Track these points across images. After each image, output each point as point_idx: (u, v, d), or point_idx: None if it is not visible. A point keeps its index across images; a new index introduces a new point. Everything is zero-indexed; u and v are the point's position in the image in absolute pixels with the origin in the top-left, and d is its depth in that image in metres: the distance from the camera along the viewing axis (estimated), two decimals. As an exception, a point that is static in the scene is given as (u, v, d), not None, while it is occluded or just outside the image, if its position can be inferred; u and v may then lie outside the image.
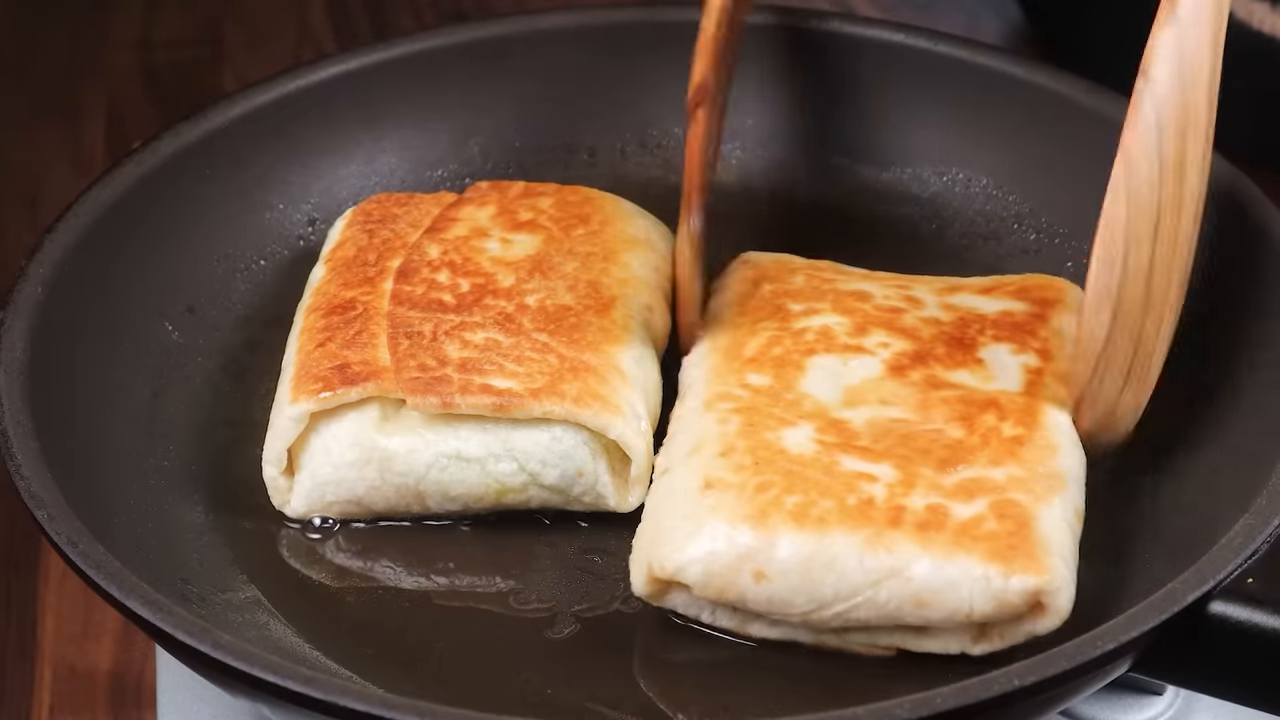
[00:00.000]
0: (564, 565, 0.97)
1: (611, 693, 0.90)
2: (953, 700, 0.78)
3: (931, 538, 0.88)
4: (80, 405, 0.99)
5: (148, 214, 1.09)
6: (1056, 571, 0.87)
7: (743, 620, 0.91)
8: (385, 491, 0.97)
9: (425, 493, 0.97)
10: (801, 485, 0.91)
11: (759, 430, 0.94)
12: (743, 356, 1.00)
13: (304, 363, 0.98)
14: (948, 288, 1.05)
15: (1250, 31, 1.32)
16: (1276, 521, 0.87)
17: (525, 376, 0.97)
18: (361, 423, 0.97)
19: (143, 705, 1.02)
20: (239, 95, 1.17)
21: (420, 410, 0.96)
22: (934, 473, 0.91)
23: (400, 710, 0.78)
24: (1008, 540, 0.88)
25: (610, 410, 0.96)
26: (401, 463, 0.96)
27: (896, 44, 1.22)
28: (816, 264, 1.08)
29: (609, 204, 1.10)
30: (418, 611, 0.95)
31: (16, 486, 0.90)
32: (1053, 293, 1.04)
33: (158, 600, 0.84)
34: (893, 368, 0.98)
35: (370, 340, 0.98)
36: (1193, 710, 0.96)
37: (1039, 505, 0.90)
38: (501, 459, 0.97)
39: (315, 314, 1.02)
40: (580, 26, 1.24)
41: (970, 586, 0.87)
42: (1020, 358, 0.99)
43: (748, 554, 0.89)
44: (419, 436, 0.97)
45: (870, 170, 1.23)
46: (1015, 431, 0.94)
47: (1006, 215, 1.19)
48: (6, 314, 0.99)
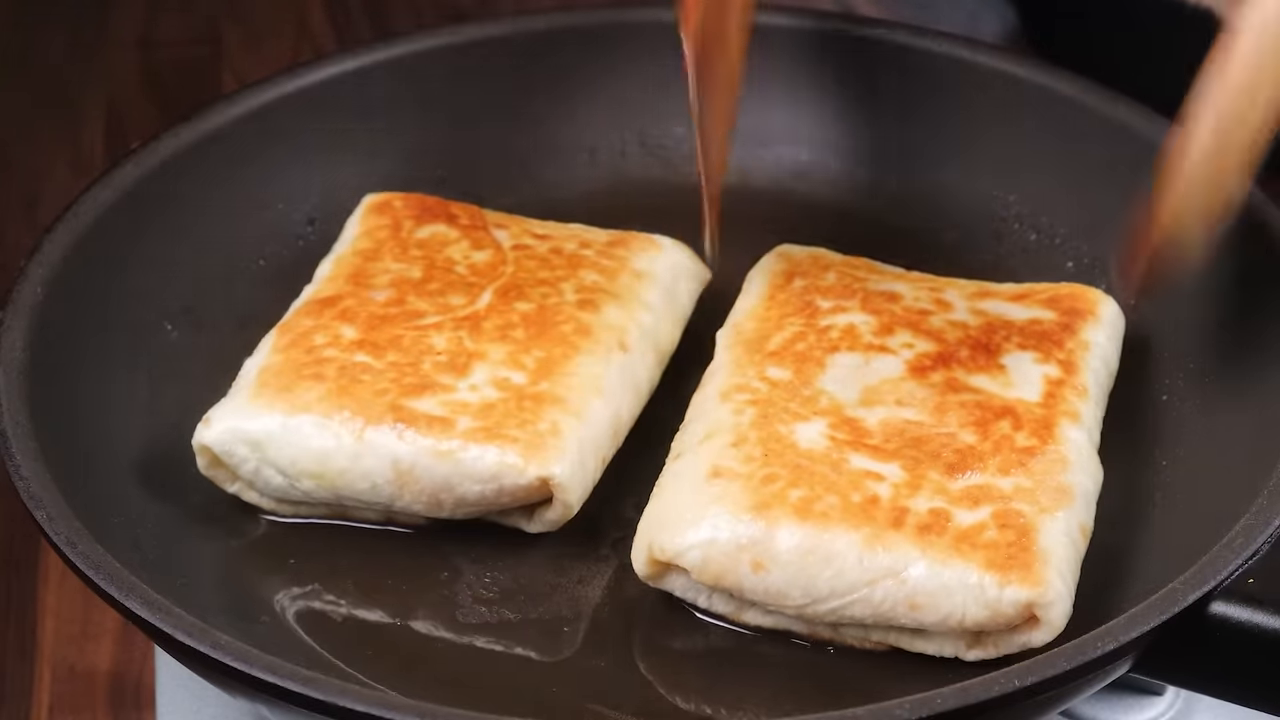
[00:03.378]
0: (559, 555, 0.97)
1: (612, 686, 0.90)
2: (953, 700, 0.78)
3: (931, 541, 0.88)
4: (80, 405, 0.99)
5: (147, 214, 1.09)
6: (1052, 585, 0.87)
7: (738, 607, 0.92)
8: (324, 497, 0.98)
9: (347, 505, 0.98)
10: (808, 480, 0.91)
11: (772, 423, 0.95)
12: (766, 350, 1.00)
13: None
14: (980, 292, 1.05)
15: None
16: (1276, 522, 0.87)
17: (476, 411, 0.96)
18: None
19: (142, 705, 1.02)
20: (239, 95, 1.17)
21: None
22: (942, 476, 0.92)
23: (400, 710, 0.78)
24: (1006, 550, 0.88)
25: (547, 456, 0.95)
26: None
27: (896, 44, 1.22)
28: (851, 261, 1.08)
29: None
30: (416, 612, 0.95)
31: (16, 486, 0.90)
32: (1084, 304, 1.04)
33: (157, 600, 0.84)
34: (914, 368, 0.99)
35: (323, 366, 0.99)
36: (1193, 710, 0.96)
37: (1042, 517, 0.90)
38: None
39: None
40: (581, 26, 1.24)
41: (964, 593, 0.87)
42: (1043, 368, 0.99)
43: (747, 543, 0.89)
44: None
45: (870, 170, 1.23)
46: (1028, 442, 0.94)
47: (1006, 215, 1.19)
48: (6, 314, 0.99)
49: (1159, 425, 1.02)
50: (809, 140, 1.24)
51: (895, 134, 1.23)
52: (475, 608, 0.95)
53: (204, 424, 0.97)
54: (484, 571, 0.97)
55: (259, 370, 0.99)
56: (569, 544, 0.98)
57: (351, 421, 0.96)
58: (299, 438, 0.96)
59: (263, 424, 0.96)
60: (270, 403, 0.97)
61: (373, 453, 0.95)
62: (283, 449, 0.96)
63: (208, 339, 1.09)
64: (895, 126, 1.23)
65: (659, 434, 1.00)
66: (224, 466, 0.98)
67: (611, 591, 0.95)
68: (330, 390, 0.97)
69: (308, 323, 1.02)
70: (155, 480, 1.00)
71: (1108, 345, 1.03)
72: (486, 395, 0.97)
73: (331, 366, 0.98)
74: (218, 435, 0.96)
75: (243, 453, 0.96)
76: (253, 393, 0.98)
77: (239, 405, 0.97)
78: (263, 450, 0.96)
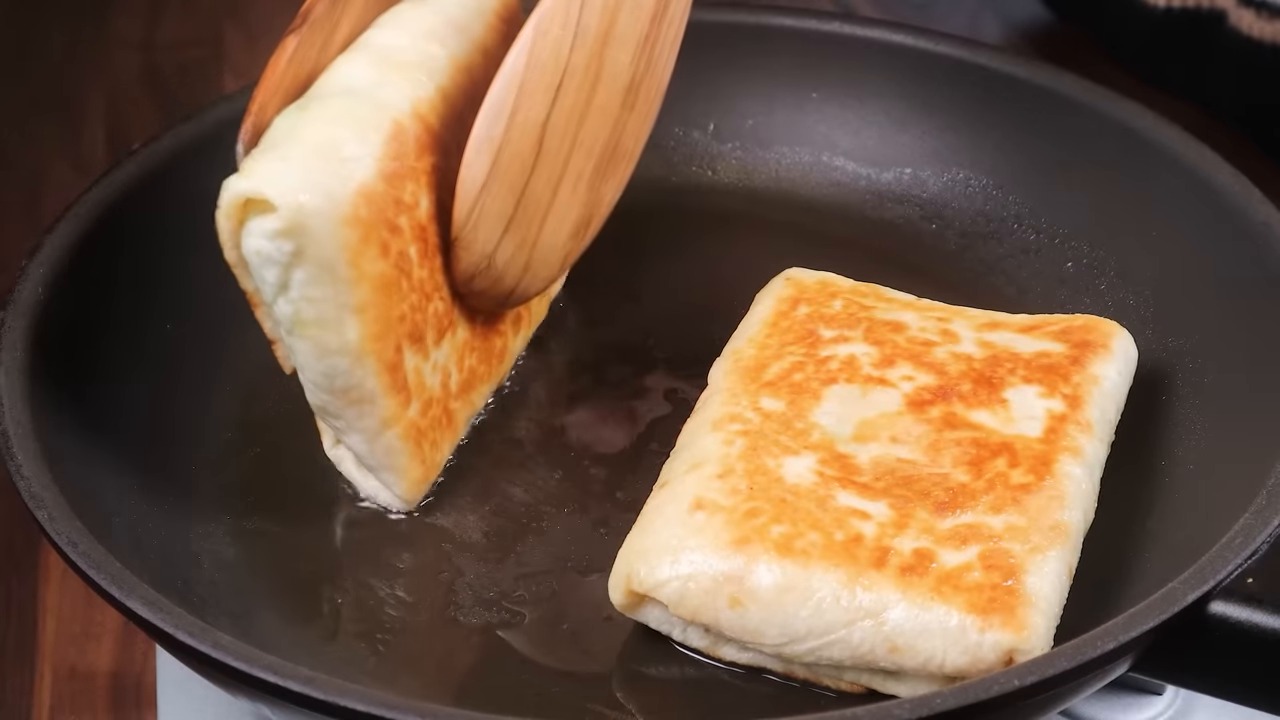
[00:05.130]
0: (556, 569, 0.97)
1: (601, 695, 0.90)
2: (953, 700, 0.78)
3: (912, 583, 0.86)
4: (80, 405, 0.99)
5: (148, 214, 1.09)
6: (1035, 630, 0.85)
7: (714, 642, 0.90)
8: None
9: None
10: (791, 516, 0.89)
11: (761, 455, 0.93)
12: (762, 379, 0.98)
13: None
14: (989, 324, 1.02)
15: (1240, 36, 1.33)
16: (1276, 521, 0.87)
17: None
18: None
19: (143, 705, 1.02)
20: (239, 95, 1.17)
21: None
22: (930, 516, 0.89)
23: (400, 710, 0.78)
24: (990, 593, 0.86)
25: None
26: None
27: (896, 44, 1.23)
28: (859, 288, 1.06)
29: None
30: (416, 612, 0.95)
31: (17, 486, 0.90)
32: (1096, 336, 1.01)
33: (158, 600, 0.84)
34: (912, 402, 0.96)
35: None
36: (1193, 710, 0.96)
37: (1033, 557, 0.87)
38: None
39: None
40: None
41: (944, 637, 0.85)
42: (1046, 402, 0.96)
43: (725, 579, 0.87)
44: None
45: (870, 170, 1.23)
46: (1024, 479, 0.91)
47: (1006, 215, 1.19)
48: (6, 314, 0.99)
49: (1158, 425, 1.02)
50: (809, 140, 1.25)
51: (895, 134, 1.23)
52: (475, 608, 0.95)
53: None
54: (485, 571, 0.97)
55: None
56: (570, 544, 0.98)
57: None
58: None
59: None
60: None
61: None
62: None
63: (208, 339, 1.09)
64: (895, 127, 1.23)
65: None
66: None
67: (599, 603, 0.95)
68: None
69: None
70: (155, 480, 1.00)
71: (1118, 379, 1.00)
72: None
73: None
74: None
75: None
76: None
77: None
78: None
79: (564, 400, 1.09)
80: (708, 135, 1.25)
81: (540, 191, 0.95)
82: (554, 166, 0.95)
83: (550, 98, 0.93)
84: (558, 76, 0.93)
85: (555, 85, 0.93)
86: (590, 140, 0.95)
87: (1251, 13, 1.31)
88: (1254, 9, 1.31)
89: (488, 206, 0.95)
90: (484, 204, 0.94)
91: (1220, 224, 1.06)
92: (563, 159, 0.94)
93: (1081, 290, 1.13)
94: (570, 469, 1.04)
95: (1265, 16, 1.30)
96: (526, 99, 0.93)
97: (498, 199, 0.95)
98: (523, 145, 0.94)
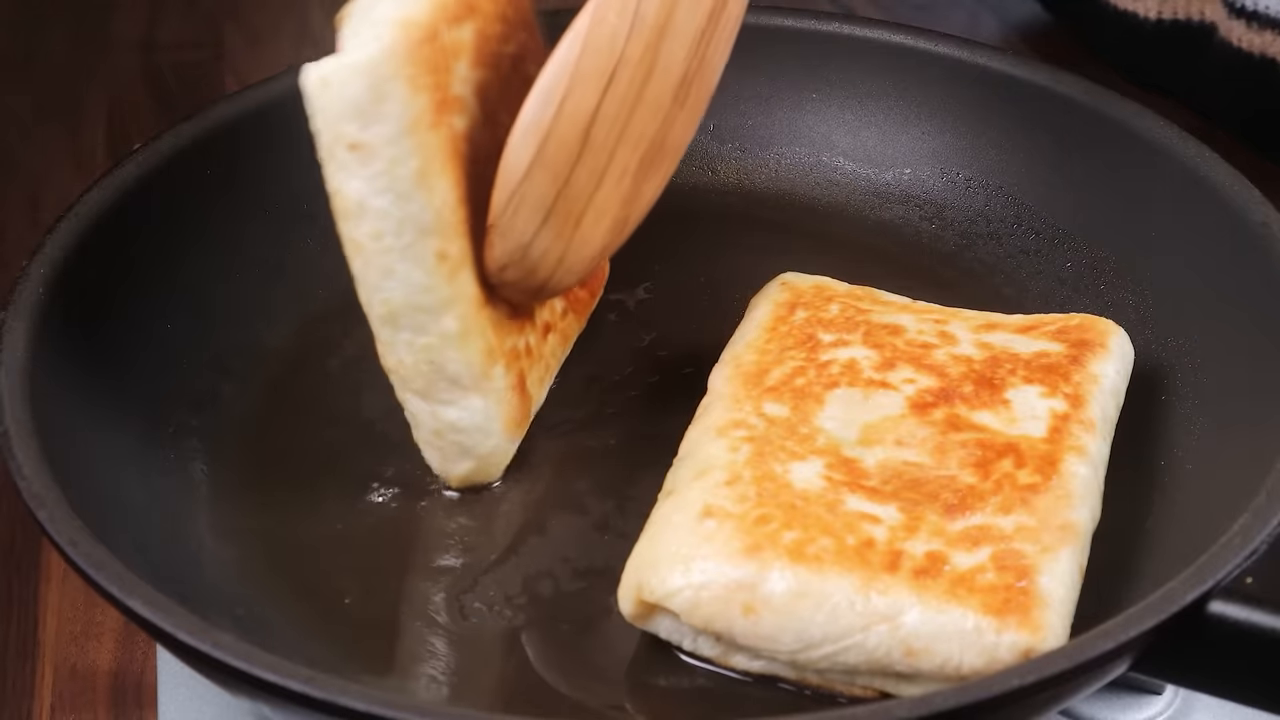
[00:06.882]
0: (557, 571, 0.97)
1: (606, 696, 0.90)
2: (953, 700, 0.78)
3: (927, 585, 0.86)
4: (80, 405, 0.99)
5: (148, 214, 1.09)
6: (1051, 630, 0.85)
7: (725, 650, 0.90)
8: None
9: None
10: (802, 521, 0.89)
11: (768, 461, 0.92)
12: (763, 384, 0.98)
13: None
14: (986, 325, 1.03)
15: (1231, 49, 1.33)
16: (1276, 521, 0.87)
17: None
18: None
19: (143, 705, 1.02)
20: (239, 95, 1.17)
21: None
22: (940, 518, 0.89)
23: (400, 710, 0.78)
24: (1005, 594, 0.85)
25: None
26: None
27: (896, 44, 1.23)
28: (855, 291, 1.06)
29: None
30: (417, 613, 0.95)
31: (17, 486, 0.90)
32: (1094, 335, 1.01)
33: (159, 600, 0.84)
34: (915, 405, 0.96)
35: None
36: (1193, 710, 0.96)
37: (1044, 558, 0.87)
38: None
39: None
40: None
41: (961, 639, 0.85)
42: (1048, 402, 0.96)
43: (738, 586, 0.87)
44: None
45: (870, 170, 1.23)
46: (1031, 479, 0.91)
47: (1006, 215, 1.19)
48: (8, 314, 0.99)
49: (1158, 425, 1.02)
50: (809, 140, 1.25)
51: (895, 134, 1.23)
52: (476, 607, 0.95)
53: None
54: (486, 572, 0.97)
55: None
56: (571, 546, 0.98)
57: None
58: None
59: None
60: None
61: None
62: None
63: (208, 339, 1.09)
64: (895, 127, 1.23)
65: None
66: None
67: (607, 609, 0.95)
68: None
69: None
70: (156, 480, 1.00)
71: (1116, 378, 1.00)
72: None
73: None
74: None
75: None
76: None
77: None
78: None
79: (562, 400, 1.09)
80: (707, 135, 1.25)
81: (583, 183, 0.93)
82: (599, 158, 0.93)
83: (602, 87, 0.91)
84: (611, 65, 0.91)
85: (608, 74, 0.91)
86: (638, 134, 0.93)
87: (1242, 24, 1.31)
88: (1244, 21, 1.31)
89: (529, 194, 0.92)
90: (525, 191, 0.92)
91: (1219, 224, 1.06)
92: (609, 151, 0.92)
93: (1080, 290, 1.13)
94: (570, 470, 1.04)
95: (1255, 28, 1.31)
96: (578, 86, 0.90)
97: (539, 186, 0.92)
98: (570, 134, 0.91)
